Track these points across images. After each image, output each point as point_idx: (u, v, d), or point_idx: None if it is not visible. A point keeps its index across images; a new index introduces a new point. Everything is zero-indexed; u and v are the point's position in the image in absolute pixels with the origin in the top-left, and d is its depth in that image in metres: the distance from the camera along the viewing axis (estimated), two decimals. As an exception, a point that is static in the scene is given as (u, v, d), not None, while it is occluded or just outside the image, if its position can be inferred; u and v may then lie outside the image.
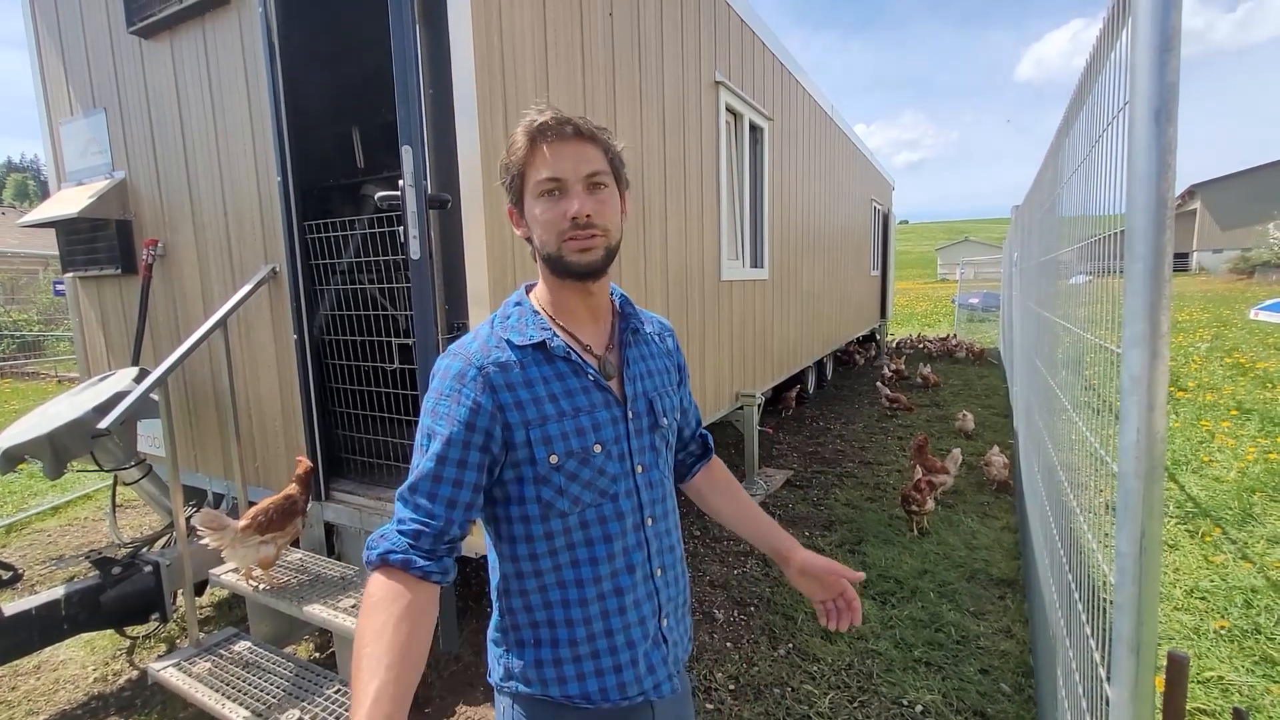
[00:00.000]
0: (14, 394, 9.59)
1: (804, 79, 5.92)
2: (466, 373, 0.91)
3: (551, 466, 0.92)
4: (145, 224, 3.07)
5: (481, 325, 1.00)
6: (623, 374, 1.01)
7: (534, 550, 0.95)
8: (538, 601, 0.97)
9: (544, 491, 0.93)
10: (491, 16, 2.10)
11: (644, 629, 1.00)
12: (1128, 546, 0.87)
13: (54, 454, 2.42)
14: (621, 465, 0.98)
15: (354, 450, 2.76)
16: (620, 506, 0.97)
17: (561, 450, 0.92)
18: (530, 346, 0.95)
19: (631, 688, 0.98)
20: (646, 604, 1.01)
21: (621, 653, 0.98)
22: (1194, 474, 4.50)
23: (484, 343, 0.94)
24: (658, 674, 1.01)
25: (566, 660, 0.96)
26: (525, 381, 0.93)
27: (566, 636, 0.96)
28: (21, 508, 4.63)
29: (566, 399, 0.94)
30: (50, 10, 3.20)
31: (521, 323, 0.97)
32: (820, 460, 5.37)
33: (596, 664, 0.97)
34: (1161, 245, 0.77)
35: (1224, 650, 2.53)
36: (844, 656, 2.60)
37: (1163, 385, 0.81)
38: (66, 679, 2.64)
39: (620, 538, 0.98)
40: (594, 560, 0.96)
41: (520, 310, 0.99)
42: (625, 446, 0.99)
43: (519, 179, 0.94)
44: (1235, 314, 14.91)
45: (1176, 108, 0.74)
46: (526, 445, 0.91)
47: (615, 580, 0.97)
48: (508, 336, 0.95)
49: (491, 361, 0.92)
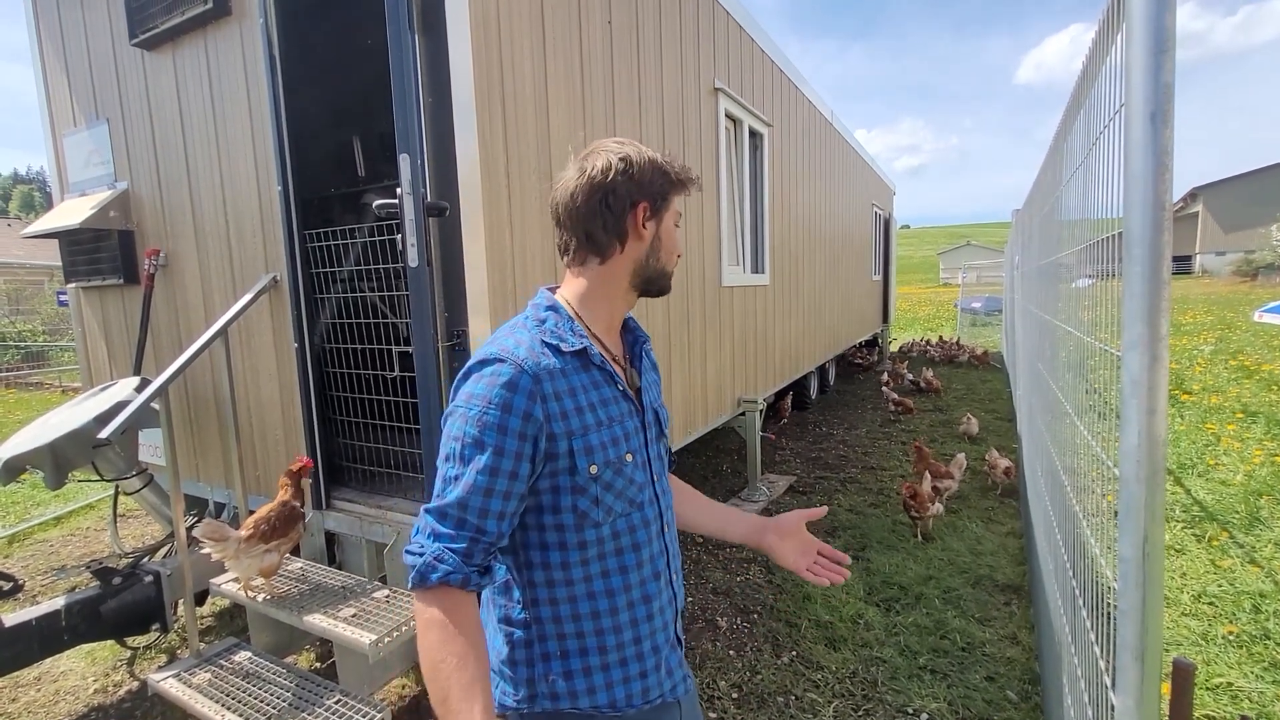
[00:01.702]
0: (19, 404, 9.63)
1: (803, 85, 5.94)
2: (519, 381, 0.88)
3: (590, 477, 0.93)
4: (147, 234, 3.08)
5: (516, 328, 0.97)
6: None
7: (566, 559, 0.95)
8: (567, 612, 0.96)
9: (580, 501, 0.93)
10: (490, 25, 2.11)
11: (666, 634, 1.04)
12: (1130, 551, 0.86)
13: (55, 464, 2.42)
14: (645, 474, 1.01)
15: (355, 459, 2.75)
16: (646, 515, 1.00)
17: (601, 460, 0.93)
18: (572, 353, 0.95)
19: (654, 690, 1.01)
20: (669, 609, 1.05)
21: (648, 658, 1.00)
22: (1200, 477, 4.47)
23: (530, 348, 0.92)
24: (675, 675, 1.05)
25: (596, 669, 0.96)
26: (569, 390, 0.93)
27: (596, 645, 0.96)
28: (24, 518, 4.63)
29: (603, 408, 0.95)
30: (54, 22, 3.23)
31: (560, 329, 0.96)
32: (823, 466, 5.35)
33: (625, 671, 0.98)
34: (1159, 247, 0.77)
35: (1232, 656, 2.50)
36: (848, 664, 2.57)
37: (1163, 389, 0.81)
38: (67, 690, 2.63)
39: (647, 545, 1.00)
40: (624, 569, 0.97)
41: (557, 316, 0.98)
42: (646, 455, 1.02)
43: (665, 199, 1.01)
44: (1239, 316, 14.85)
45: (1173, 109, 0.74)
46: (569, 455, 0.91)
47: (644, 588, 0.99)
48: (552, 342, 0.94)
49: (543, 368, 0.91)
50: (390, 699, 2.48)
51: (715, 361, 4.11)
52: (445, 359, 2.17)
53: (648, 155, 0.99)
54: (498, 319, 2.14)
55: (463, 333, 2.17)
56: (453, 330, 2.19)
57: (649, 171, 0.97)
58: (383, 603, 2.21)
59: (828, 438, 6.27)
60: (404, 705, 2.45)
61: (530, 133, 2.32)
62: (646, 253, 1.00)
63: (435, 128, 2.10)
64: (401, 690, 2.53)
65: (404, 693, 2.52)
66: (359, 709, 1.98)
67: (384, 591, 2.28)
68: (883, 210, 11.00)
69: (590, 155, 0.98)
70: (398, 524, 2.40)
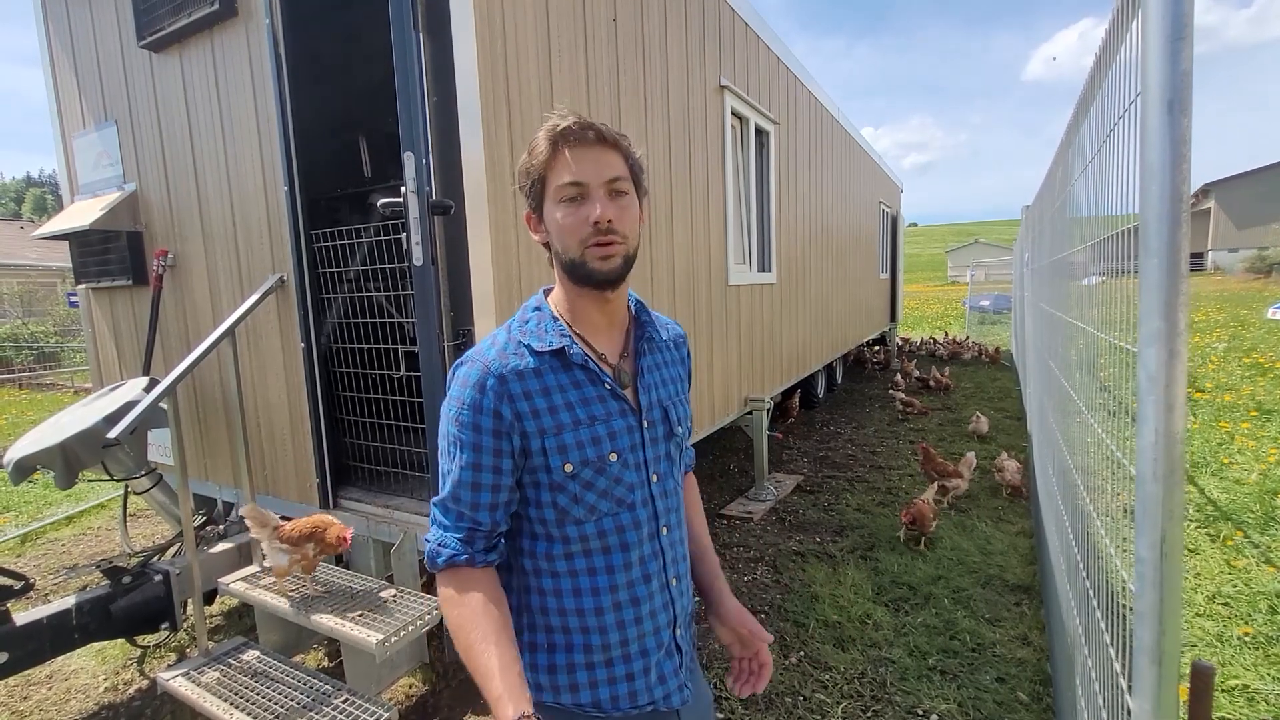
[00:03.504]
0: (31, 404, 9.73)
1: (810, 83, 5.91)
2: (485, 381, 0.91)
3: (566, 475, 0.93)
4: (155, 235, 3.10)
5: (499, 330, 0.99)
6: (637, 383, 1.01)
7: (551, 551, 0.96)
8: (553, 605, 0.97)
9: (559, 498, 0.94)
10: (494, 24, 2.10)
11: (658, 638, 1.01)
12: (1147, 552, 0.84)
13: (65, 464, 2.43)
14: (638, 474, 0.98)
15: (361, 458, 2.76)
16: (637, 515, 0.98)
17: (576, 459, 0.93)
18: (549, 353, 0.94)
19: (642, 696, 0.99)
20: (663, 614, 1.01)
21: (635, 661, 0.98)
22: (1214, 476, 4.41)
23: (501, 349, 0.94)
24: (669, 684, 1.02)
25: (580, 666, 0.96)
26: (543, 390, 0.92)
27: (581, 642, 0.96)
28: (36, 517, 4.67)
29: (583, 407, 0.94)
30: (63, 26, 3.25)
31: (541, 328, 0.97)
32: (831, 465, 5.32)
33: (610, 672, 0.97)
34: (1177, 240, 0.75)
35: (1248, 658, 2.46)
36: (857, 665, 2.56)
37: (1181, 384, 0.79)
38: (77, 688, 2.65)
39: (637, 547, 0.98)
40: (610, 569, 0.96)
41: (540, 315, 0.99)
42: (641, 456, 0.99)
43: (539, 183, 0.93)
44: (1253, 313, 14.68)
45: (1190, 98, 0.72)
46: (542, 454, 0.92)
47: (632, 590, 0.97)
48: (527, 342, 0.95)
49: (510, 369, 0.92)
50: (398, 698, 2.48)
51: (722, 360, 4.10)
52: (451, 358, 2.17)
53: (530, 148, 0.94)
54: (503, 318, 2.13)
55: (468, 332, 2.17)
56: (458, 329, 2.19)
57: (523, 172, 0.95)
58: (390, 602, 2.21)
59: (835, 437, 6.24)
60: (411, 704, 2.45)
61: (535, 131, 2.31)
62: (554, 250, 0.97)
63: (440, 127, 2.10)
64: (409, 689, 2.53)
65: (411, 692, 2.52)
66: (366, 708, 1.98)
67: (391, 591, 2.28)
68: (890, 208, 10.93)
69: None
70: (404, 524, 2.40)
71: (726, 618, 1.12)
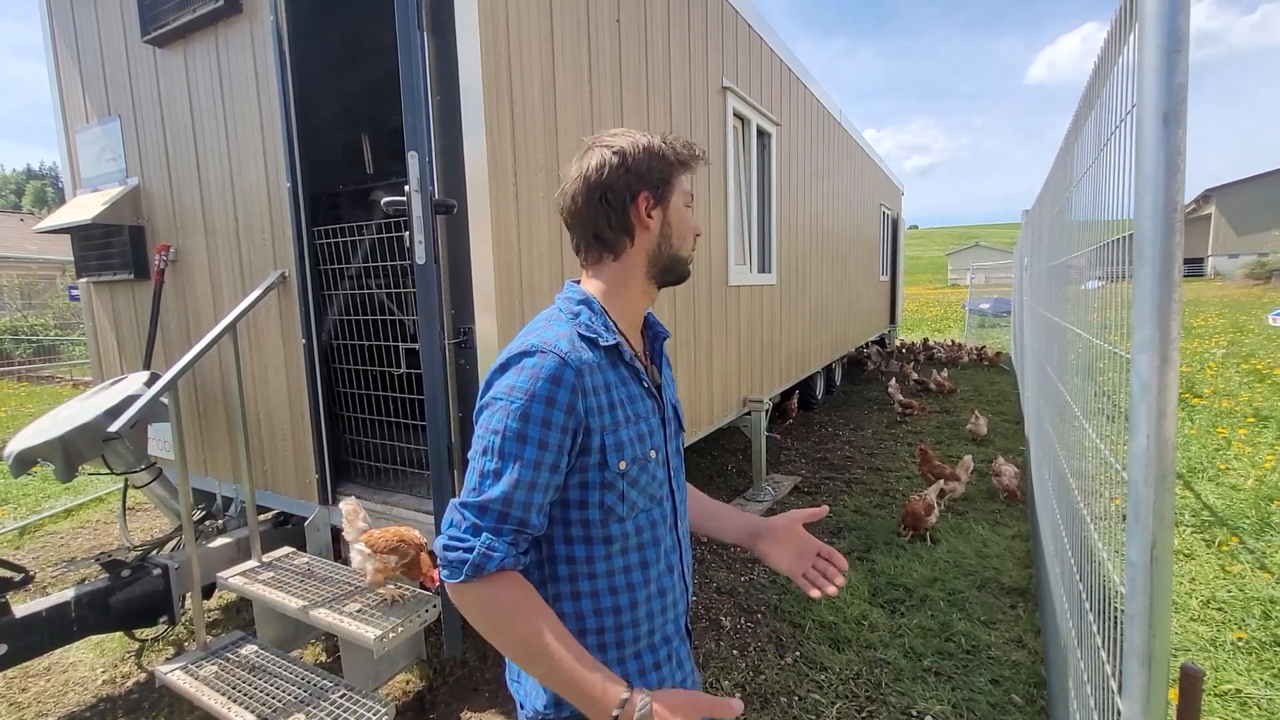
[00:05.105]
0: (30, 397, 9.73)
1: (812, 84, 5.91)
2: (563, 374, 0.87)
3: (619, 473, 0.93)
4: (158, 229, 3.11)
5: (553, 321, 0.95)
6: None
7: (591, 553, 0.95)
8: (589, 607, 0.96)
9: (608, 497, 0.93)
10: (498, 24, 2.11)
11: (676, 625, 1.05)
12: (1138, 556, 0.85)
13: (65, 457, 2.44)
14: (664, 470, 1.02)
15: (361, 455, 2.77)
16: (664, 510, 1.01)
17: (629, 456, 0.94)
18: (607, 348, 0.95)
19: (668, 681, 1.02)
20: (681, 601, 1.06)
21: (660, 649, 1.02)
22: (1210, 482, 4.42)
23: (571, 341, 0.90)
24: (685, 667, 1.06)
25: (614, 662, 0.97)
26: (605, 385, 0.92)
27: (615, 639, 0.97)
28: (35, 510, 4.68)
29: (630, 405, 0.96)
30: (68, 20, 3.25)
31: (594, 324, 0.95)
32: (829, 466, 5.33)
33: (640, 663, 0.99)
34: (1170, 249, 0.76)
35: (1242, 663, 2.48)
36: (852, 665, 2.57)
37: (1173, 391, 0.80)
38: (76, 681, 2.66)
39: (665, 540, 1.02)
40: (644, 564, 0.98)
41: (590, 311, 0.96)
42: (665, 452, 1.02)
43: (666, 185, 0.98)
44: (1252, 319, 14.70)
45: (1185, 110, 0.73)
46: (600, 450, 0.91)
47: (659, 582, 1.01)
48: (589, 335, 0.93)
49: (584, 363, 0.89)
50: (395, 694, 2.49)
51: (721, 361, 4.10)
52: (452, 356, 2.18)
53: (644, 143, 0.95)
54: (505, 316, 2.15)
55: (469, 330, 2.18)
56: (459, 327, 2.19)
57: (645, 159, 0.95)
58: (388, 599, 2.22)
59: (834, 438, 6.25)
60: (409, 700, 2.46)
61: (538, 130, 2.32)
62: (658, 241, 0.98)
63: (444, 125, 2.11)
64: (406, 685, 2.54)
65: (408, 687, 2.53)
66: (364, 703, 1.99)
67: (389, 587, 2.29)
68: (891, 210, 10.94)
69: (586, 153, 0.97)
70: (403, 520, 2.41)
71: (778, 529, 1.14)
